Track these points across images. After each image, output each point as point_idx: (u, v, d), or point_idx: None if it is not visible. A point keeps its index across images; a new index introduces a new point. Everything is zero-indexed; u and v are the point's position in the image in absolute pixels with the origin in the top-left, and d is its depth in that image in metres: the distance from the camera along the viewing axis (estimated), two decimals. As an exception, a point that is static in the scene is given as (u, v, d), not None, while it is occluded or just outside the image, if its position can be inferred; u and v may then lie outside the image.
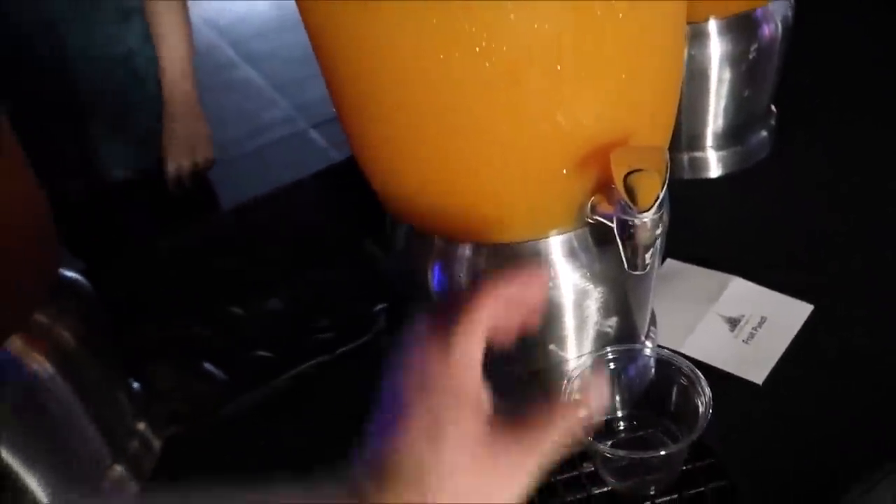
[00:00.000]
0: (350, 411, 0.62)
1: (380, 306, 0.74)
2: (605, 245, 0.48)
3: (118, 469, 0.61)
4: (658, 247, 0.51)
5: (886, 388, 0.58)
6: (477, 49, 0.36)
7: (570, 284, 0.50)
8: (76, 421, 0.58)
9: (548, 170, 0.42)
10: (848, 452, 0.53)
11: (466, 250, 0.50)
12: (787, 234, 0.75)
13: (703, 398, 0.49)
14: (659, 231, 0.42)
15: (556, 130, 0.40)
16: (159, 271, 0.85)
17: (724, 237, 0.76)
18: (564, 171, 0.42)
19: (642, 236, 0.41)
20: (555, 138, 0.41)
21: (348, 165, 1.00)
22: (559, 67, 0.37)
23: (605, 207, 0.43)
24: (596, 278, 0.50)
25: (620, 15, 0.37)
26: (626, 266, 0.44)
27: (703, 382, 0.49)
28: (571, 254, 0.49)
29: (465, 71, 0.38)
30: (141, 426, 0.65)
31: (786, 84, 0.85)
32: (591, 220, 0.45)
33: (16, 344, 0.53)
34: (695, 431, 0.47)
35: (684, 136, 0.84)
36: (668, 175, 0.38)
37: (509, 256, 0.49)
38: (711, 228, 0.78)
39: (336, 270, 0.80)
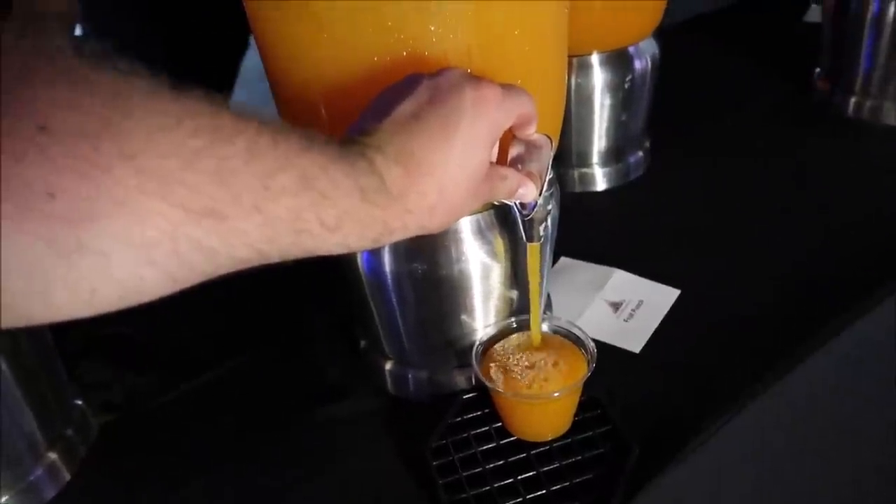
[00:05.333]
0: (282, 402, 0.68)
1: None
2: (507, 225, 0.58)
3: (52, 456, 0.64)
4: (549, 225, 0.61)
5: (737, 354, 0.70)
6: (404, 53, 0.45)
7: (478, 260, 0.59)
8: (12, 406, 0.60)
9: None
10: (704, 404, 0.64)
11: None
12: (658, 236, 0.88)
13: (588, 354, 0.58)
14: (549, 207, 0.52)
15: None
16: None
17: (608, 238, 0.88)
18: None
19: (537, 212, 0.51)
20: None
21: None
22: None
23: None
24: (499, 254, 0.59)
25: (516, 32, 0.47)
26: (524, 238, 0.54)
27: (590, 342, 0.59)
28: (479, 232, 0.58)
29: (392, 72, 0.46)
30: (75, 414, 0.68)
31: (658, 113, 1.00)
32: (496, 203, 0.55)
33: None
34: (583, 376, 0.56)
35: (574, 154, 0.96)
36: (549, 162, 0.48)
37: (426, 235, 0.57)
38: (597, 232, 0.90)
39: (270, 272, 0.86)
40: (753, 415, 0.62)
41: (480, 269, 0.60)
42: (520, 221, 0.53)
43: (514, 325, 0.62)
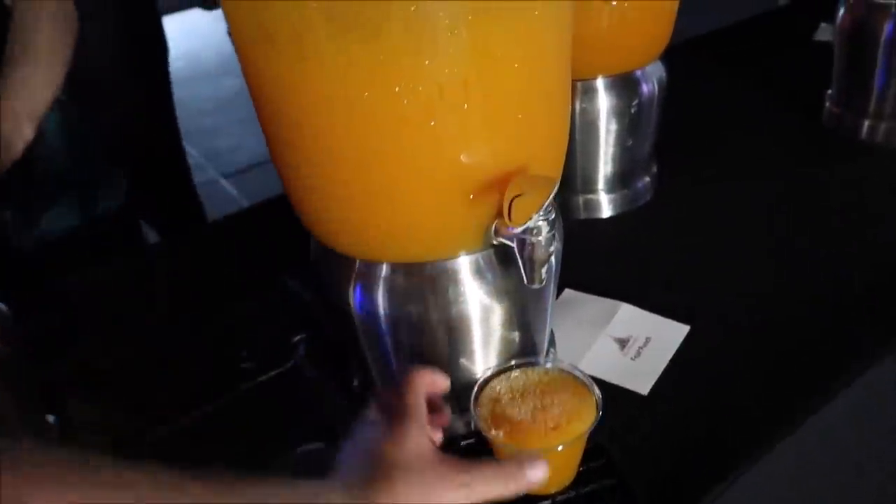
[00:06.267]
0: (270, 436, 0.65)
1: (299, 336, 0.77)
2: (508, 265, 0.55)
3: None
4: (553, 265, 0.58)
5: (749, 395, 0.66)
6: (396, 88, 0.42)
7: (477, 301, 0.55)
8: None
9: (456, 196, 0.48)
10: (715, 452, 0.60)
11: (384, 269, 0.55)
12: (667, 267, 0.84)
13: (595, 398, 0.55)
14: (552, 249, 0.48)
15: (463, 161, 0.46)
16: (79, 306, 0.85)
17: (614, 269, 0.85)
18: (471, 197, 0.48)
19: (538, 253, 0.48)
20: (462, 168, 0.47)
21: (266, 208, 1.03)
22: (466, 106, 0.44)
23: (507, 230, 0.50)
24: (499, 295, 0.55)
25: (516, 65, 0.44)
26: (525, 280, 0.50)
27: (595, 388, 0.56)
28: (478, 272, 0.54)
29: (385, 107, 0.43)
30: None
31: (665, 137, 0.96)
32: (495, 242, 0.52)
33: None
34: (589, 428, 0.53)
35: (579, 180, 0.93)
36: (549, 199, 0.45)
37: (422, 275, 0.54)
38: (603, 262, 0.87)
39: (256, 303, 0.83)
40: (769, 466, 0.58)
41: (480, 310, 0.56)
42: (521, 263, 0.50)
43: (515, 367, 0.58)
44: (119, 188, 1.12)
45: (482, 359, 0.59)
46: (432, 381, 0.51)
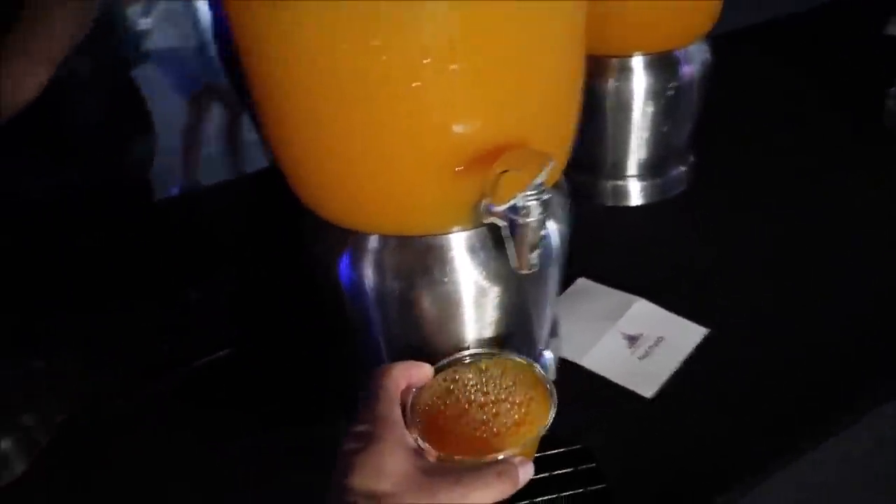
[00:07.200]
0: (245, 418, 0.63)
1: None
2: (503, 246, 0.50)
3: (4, 444, 0.61)
4: (553, 250, 0.54)
5: (762, 409, 0.61)
6: (377, 43, 0.38)
7: (470, 281, 0.51)
8: None
9: (444, 166, 0.44)
10: (720, 471, 0.56)
11: (373, 241, 0.52)
12: (694, 264, 0.78)
13: (552, 401, 0.46)
14: (543, 233, 0.44)
15: (451, 128, 0.42)
16: (77, 263, 0.84)
17: (635, 262, 0.79)
18: (459, 169, 0.44)
19: (527, 236, 0.44)
20: (450, 136, 0.43)
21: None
22: (454, 67, 0.39)
23: (496, 208, 0.45)
24: (494, 277, 0.51)
25: (508, 26, 0.40)
26: (512, 264, 0.46)
27: (552, 388, 0.46)
28: (471, 251, 0.50)
29: (366, 65, 0.40)
30: (36, 407, 0.65)
31: (706, 126, 0.90)
32: (485, 221, 0.47)
33: None
34: (536, 436, 0.45)
35: (608, 164, 0.88)
36: (540, 177, 0.40)
37: (411, 249, 0.51)
38: (626, 253, 0.82)
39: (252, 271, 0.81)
40: (778, 490, 0.53)
41: (473, 291, 0.52)
42: (508, 245, 0.45)
43: (449, 364, 0.49)
44: (150, 146, 1.11)
45: (474, 345, 0.55)
46: (409, 376, 0.46)
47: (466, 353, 0.49)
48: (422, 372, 0.47)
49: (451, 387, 0.47)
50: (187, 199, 1.03)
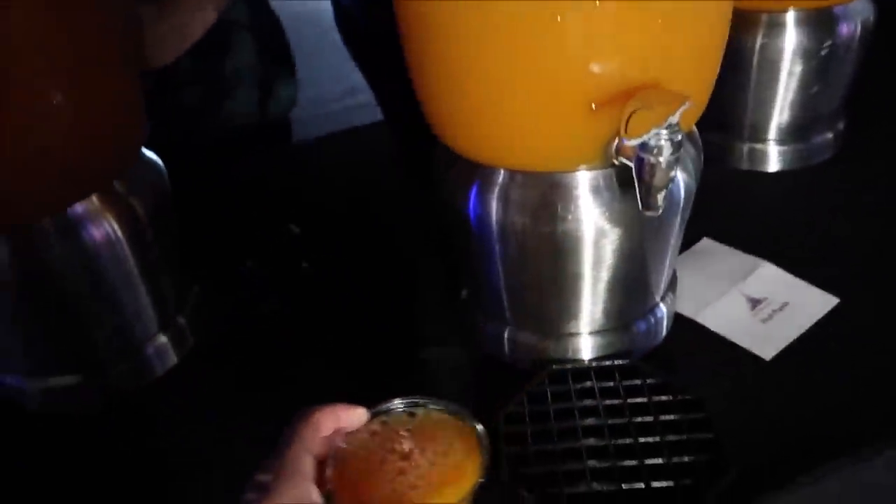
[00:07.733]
0: (376, 342, 0.67)
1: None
2: (629, 188, 0.51)
3: (162, 338, 0.68)
4: (679, 197, 0.53)
5: (883, 385, 0.58)
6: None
7: (591, 221, 0.52)
8: (132, 285, 0.64)
9: (579, 103, 0.45)
10: (827, 440, 0.54)
11: (501, 175, 0.54)
12: (828, 233, 0.75)
13: (483, 459, 0.40)
14: (673, 174, 0.44)
15: (590, 66, 0.43)
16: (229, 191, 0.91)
17: (766, 228, 0.77)
18: (594, 107, 0.45)
19: (656, 176, 0.44)
20: (588, 73, 0.44)
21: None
22: (597, 3, 0.40)
23: (627, 148, 0.46)
24: (614, 219, 0.52)
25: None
26: (639, 205, 0.47)
27: (484, 440, 0.40)
28: (595, 191, 0.51)
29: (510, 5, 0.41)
30: (190, 301, 0.72)
31: (862, 90, 0.84)
32: (615, 162, 0.48)
33: (93, 202, 0.60)
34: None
35: (747, 126, 0.84)
36: (676, 115, 0.40)
37: (537, 185, 0.52)
38: (757, 218, 0.79)
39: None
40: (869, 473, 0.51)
41: (593, 232, 0.53)
42: (637, 186, 0.46)
43: (381, 412, 0.43)
44: (292, 89, 1.17)
45: (590, 287, 0.57)
46: (338, 419, 0.41)
47: (399, 401, 0.43)
48: (354, 415, 0.42)
49: (378, 433, 0.42)
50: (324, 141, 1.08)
